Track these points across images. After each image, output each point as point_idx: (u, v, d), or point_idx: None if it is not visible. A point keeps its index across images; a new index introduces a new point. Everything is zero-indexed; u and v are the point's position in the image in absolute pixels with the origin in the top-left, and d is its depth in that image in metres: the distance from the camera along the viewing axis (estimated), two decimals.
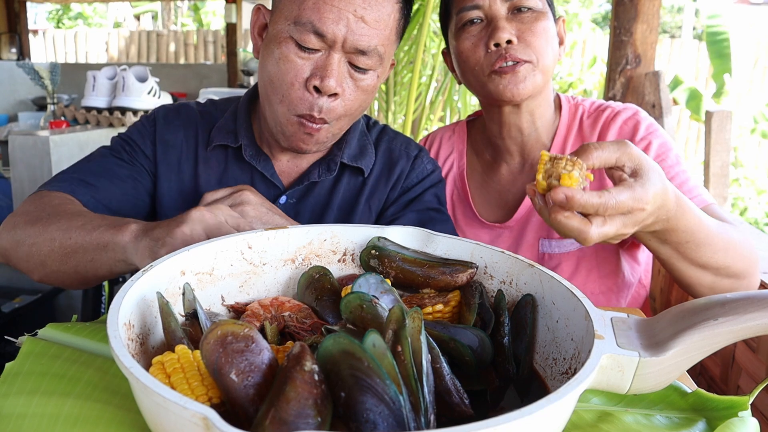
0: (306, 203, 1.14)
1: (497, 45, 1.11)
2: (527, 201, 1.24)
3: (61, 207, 0.97)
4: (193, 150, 1.16)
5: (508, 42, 1.10)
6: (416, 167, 1.20)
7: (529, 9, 1.12)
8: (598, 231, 0.73)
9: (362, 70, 1.00)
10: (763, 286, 1.14)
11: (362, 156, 1.17)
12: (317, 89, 0.97)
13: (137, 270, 0.82)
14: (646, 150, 1.14)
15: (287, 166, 1.16)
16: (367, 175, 1.17)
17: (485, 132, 1.33)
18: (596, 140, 1.18)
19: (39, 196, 1.03)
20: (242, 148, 1.12)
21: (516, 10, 1.12)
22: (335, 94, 0.99)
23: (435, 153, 1.40)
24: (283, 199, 1.12)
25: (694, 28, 11.60)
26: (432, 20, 3.58)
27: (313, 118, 1.00)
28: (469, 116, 1.44)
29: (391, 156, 1.20)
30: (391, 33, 1.00)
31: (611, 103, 1.26)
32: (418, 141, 1.45)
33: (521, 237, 1.24)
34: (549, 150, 1.23)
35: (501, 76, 1.12)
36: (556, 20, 1.19)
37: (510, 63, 1.10)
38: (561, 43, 1.21)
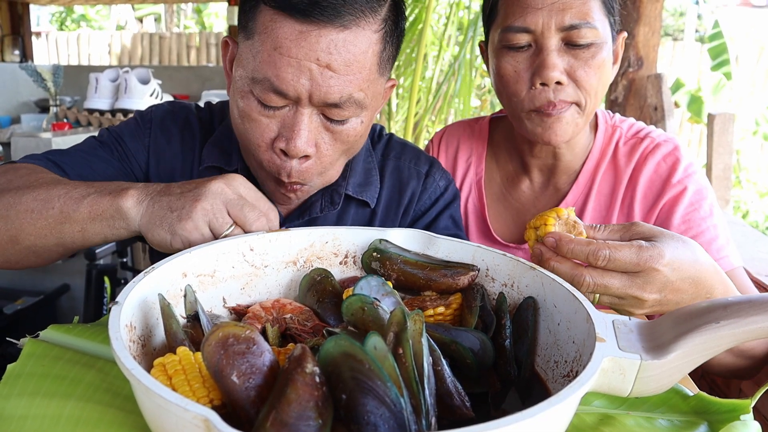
0: None
1: (544, 84, 0.99)
2: None
3: (32, 176, 0.86)
4: (189, 165, 1.06)
5: (557, 83, 0.98)
6: (428, 187, 1.10)
7: (587, 45, 0.98)
8: (593, 280, 0.70)
9: (339, 122, 0.86)
10: (763, 288, 1.14)
11: (367, 185, 1.06)
12: (284, 152, 0.86)
13: (134, 235, 0.79)
14: (679, 195, 1.06)
15: None
16: (374, 205, 1.07)
17: (512, 139, 1.22)
18: (631, 173, 1.11)
19: (2, 168, 0.92)
20: (238, 173, 1.02)
21: (570, 44, 0.98)
22: (307, 156, 0.87)
23: (453, 153, 1.28)
24: None
25: (696, 31, 11.60)
26: (432, 24, 3.58)
27: (282, 183, 0.90)
28: (493, 114, 1.32)
29: (400, 177, 1.09)
30: (370, 72, 0.85)
31: (651, 130, 1.15)
32: (425, 140, 1.37)
33: None
34: (578, 175, 1.15)
35: (542, 119, 1.01)
36: (615, 37, 1.06)
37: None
38: (615, 61, 1.08)
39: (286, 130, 0.85)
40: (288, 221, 1.04)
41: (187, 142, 1.07)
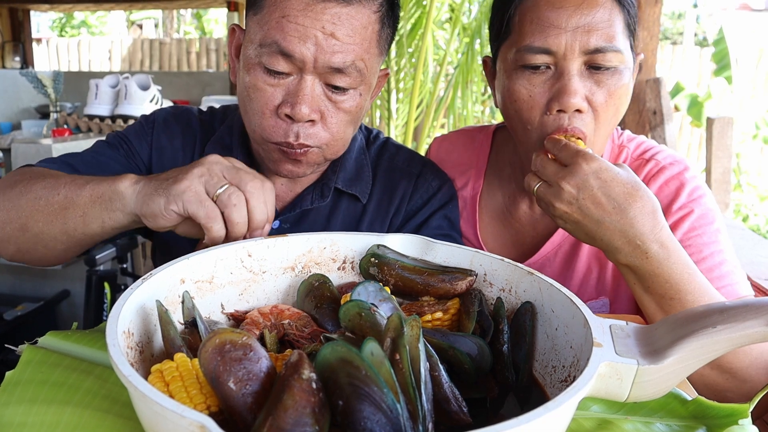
0: (301, 230, 1.03)
1: (561, 111, 0.92)
2: (545, 248, 1.09)
3: (45, 171, 0.93)
4: (189, 161, 1.08)
5: (577, 110, 0.91)
6: (420, 187, 1.10)
7: (610, 69, 0.92)
8: (539, 160, 0.87)
9: (341, 90, 0.91)
10: (762, 292, 1.14)
11: (358, 180, 1.08)
12: (290, 117, 0.90)
13: (130, 222, 0.83)
14: (681, 221, 0.99)
15: (281, 190, 1.09)
16: (365, 201, 1.08)
17: (517, 153, 1.11)
18: None
19: (16, 169, 0.99)
20: None
21: (593, 67, 0.92)
22: (312, 121, 0.91)
23: (450, 163, 1.21)
24: (276, 224, 1.06)
25: (695, 35, 11.61)
26: (433, 27, 3.59)
27: (291, 146, 0.93)
28: (499, 124, 1.23)
29: (392, 176, 1.11)
30: (370, 45, 0.91)
31: (660, 151, 1.08)
32: (427, 145, 1.35)
33: None
34: None
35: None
36: (635, 59, 0.99)
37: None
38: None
39: (291, 96, 0.90)
40: (282, 214, 1.07)
41: (188, 141, 1.12)
